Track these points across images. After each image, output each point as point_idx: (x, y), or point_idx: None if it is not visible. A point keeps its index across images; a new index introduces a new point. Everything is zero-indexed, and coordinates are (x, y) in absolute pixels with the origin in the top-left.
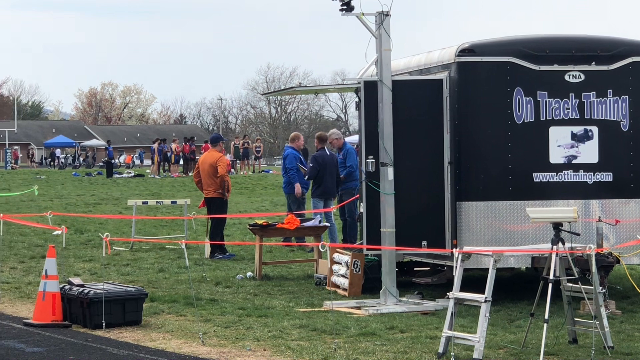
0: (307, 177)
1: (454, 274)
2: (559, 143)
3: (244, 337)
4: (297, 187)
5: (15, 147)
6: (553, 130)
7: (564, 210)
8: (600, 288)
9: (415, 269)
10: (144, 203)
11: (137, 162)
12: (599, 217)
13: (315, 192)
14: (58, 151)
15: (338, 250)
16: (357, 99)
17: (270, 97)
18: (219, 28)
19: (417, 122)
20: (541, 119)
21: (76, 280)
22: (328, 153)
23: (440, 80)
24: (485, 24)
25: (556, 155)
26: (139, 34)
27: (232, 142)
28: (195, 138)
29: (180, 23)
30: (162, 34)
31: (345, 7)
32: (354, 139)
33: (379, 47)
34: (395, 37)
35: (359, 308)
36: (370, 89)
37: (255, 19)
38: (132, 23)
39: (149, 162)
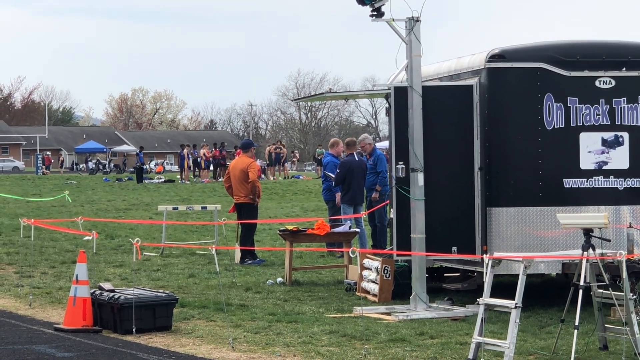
0: (334, 183)
1: (484, 280)
2: (590, 149)
3: (274, 343)
4: (338, 197)
5: (47, 152)
6: (583, 136)
7: (594, 216)
8: (631, 294)
9: (445, 274)
10: (174, 209)
11: (168, 167)
12: (630, 223)
13: (344, 198)
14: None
15: (368, 256)
16: (387, 105)
17: (301, 103)
18: (249, 34)
19: (447, 127)
20: (572, 124)
21: (107, 286)
22: (356, 159)
23: (471, 86)
24: (516, 29)
25: (587, 161)
26: (170, 40)
27: (268, 148)
28: (226, 144)
29: (212, 29)
30: (192, 39)
31: (375, 13)
32: (384, 144)
33: (409, 53)
34: (426, 43)
35: (389, 314)
36: (400, 94)
37: (286, 25)
38: (163, 29)
39: (177, 167)
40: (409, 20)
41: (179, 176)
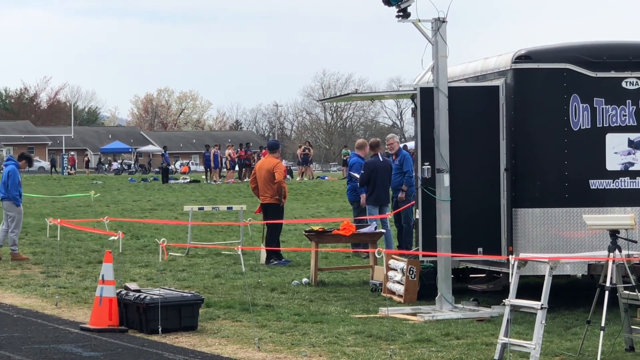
0: (358, 184)
1: (510, 280)
2: (616, 150)
3: (300, 343)
4: (362, 198)
5: (72, 152)
6: (610, 137)
7: (620, 217)
8: None
9: (470, 275)
10: (200, 209)
11: (193, 167)
12: None
13: (369, 199)
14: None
15: (394, 256)
16: (413, 106)
17: (326, 104)
18: (275, 34)
19: (473, 128)
20: (598, 125)
21: (133, 286)
22: (381, 159)
23: (497, 87)
24: (542, 30)
25: (613, 162)
26: (196, 40)
27: (299, 150)
28: (251, 144)
29: (237, 29)
30: (218, 40)
31: (401, 14)
32: (409, 145)
33: (435, 54)
34: (451, 43)
35: (414, 314)
36: (426, 95)
37: (311, 25)
38: (189, 29)
39: (202, 167)
40: (435, 21)
41: (204, 176)
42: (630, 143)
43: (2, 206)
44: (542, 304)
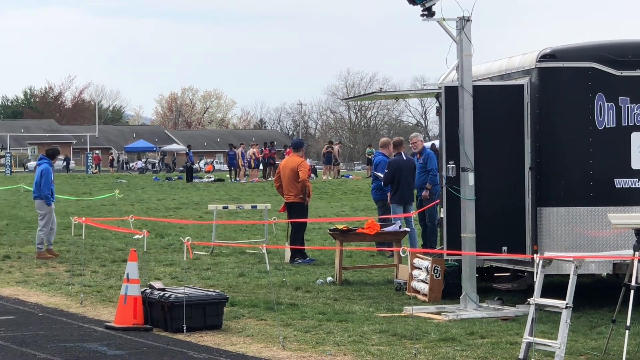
0: (382, 183)
1: (534, 279)
2: None
3: (324, 342)
4: (389, 197)
5: (96, 151)
6: (635, 136)
7: None
8: None
9: (495, 274)
10: (224, 207)
11: (218, 166)
12: None
13: (393, 198)
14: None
15: (418, 255)
16: (437, 104)
17: (350, 102)
18: (299, 33)
19: (497, 127)
20: (623, 124)
21: (157, 284)
22: (404, 158)
23: (521, 86)
24: (567, 29)
25: (638, 161)
26: (220, 39)
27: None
28: (275, 143)
29: (261, 28)
30: (242, 39)
31: (426, 13)
32: (437, 144)
33: (460, 53)
34: (476, 42)
35: (439, 313)
36: (451, 94)
37: (336, 24)
38: (213, 28)
39: (227, 166)
40: (459, 20)
41: (228, 175)
42: None
43: (35, 205)
44: (567, 303)
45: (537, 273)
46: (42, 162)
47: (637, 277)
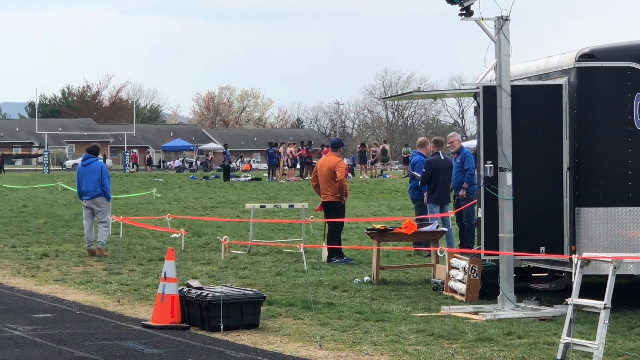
0: (419, 182)
1: (572, 280)
2: None
3: (361, 342)
4: (426, 197)
5: (134, 150)
6: None
7: None
8: None
9: (532, 274)
10: (261, 206)
11: (255, 165)
12: None
13: (430, 198)
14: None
15: (456, 255)
16: (475, 104)
17: (387, 102)
18: (336, 33)
19: (535, 127)
20: None
21: (195, 283)
22: (442, 158)
23: (560, 86)
24: (606, 28)
25: None
26: (258, 39)
27: (372, 148)
28: (312, 142)
29: (298, 28)
30: (280, 38)
31: (464, 12)
32: (471, 143)
33: (498, 52)
34: (514, 42)
35: (476, 313)
36: (489, 94)
37: (373, 24)
38: (251, 27)
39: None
40: (498, 19)
41: (265, 174)
42: None
43: (90, 204)
44: (605, 304)
45: (575, 273)
46: (92, 159)
47: None
